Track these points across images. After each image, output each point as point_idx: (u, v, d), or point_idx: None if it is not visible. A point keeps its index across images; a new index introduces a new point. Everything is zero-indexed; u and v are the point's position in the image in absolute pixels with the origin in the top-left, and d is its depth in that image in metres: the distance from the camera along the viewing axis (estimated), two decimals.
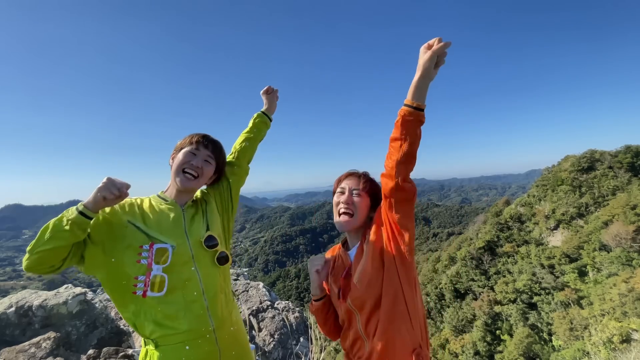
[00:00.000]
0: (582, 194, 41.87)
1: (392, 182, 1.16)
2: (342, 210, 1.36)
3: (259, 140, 1.78)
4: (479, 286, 38.57)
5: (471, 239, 49.87)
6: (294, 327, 3.59)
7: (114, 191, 1.13)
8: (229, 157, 1.64)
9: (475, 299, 36.99)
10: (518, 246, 41.26)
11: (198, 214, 1.41)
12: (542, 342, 27.67)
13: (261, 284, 4.32)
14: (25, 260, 1.08)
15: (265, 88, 1.86)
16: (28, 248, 1.09)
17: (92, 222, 1.16)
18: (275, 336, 3.37)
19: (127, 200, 1.33)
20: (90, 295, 2.44)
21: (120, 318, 2.83)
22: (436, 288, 41.85)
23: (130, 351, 2.04)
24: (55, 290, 2.40)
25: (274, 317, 3.62)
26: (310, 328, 2.83)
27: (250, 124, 1.78)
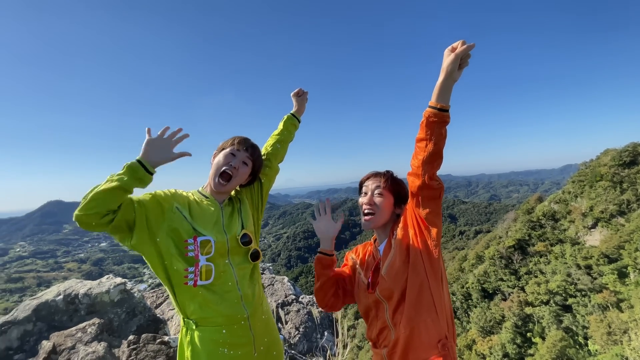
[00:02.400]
0: (623, 190, 39.12)
1: (418, 181, 1.22)
2: (365, 211, 1.43)
3: (289, 141, 1.85)
4: (508, 286, 37.12)
5: (500, 237, 47.97)
6: (319, 321, 3.64)
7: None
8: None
9: (505, 300, 35.64)
10: (551, 245, 39.24)
11: (234, 212, 1.50)
12: (577, 346, 26.27)
13: (286, 278, 4.41)
14: (77, 209, 1.12)
15: (295, 90, 1.91)
16: (83, 196, 1.13)
17: (147, 202, 1.28)
18: (301, 329, 3.44)
19: (175, 190, 1.45)
20: (129, 285, 2.60)
21: (157, 307, 3.01)
22: (462, 287, 40.70)
23: (166, 338, 2.17)
24: (98, 280, 2.59)
25: (298, 310, 3.70)
26: (337, 321, 2.87)
27: (280, 126, 1.84)
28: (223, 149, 1.50)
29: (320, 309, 3.90)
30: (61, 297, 2.38)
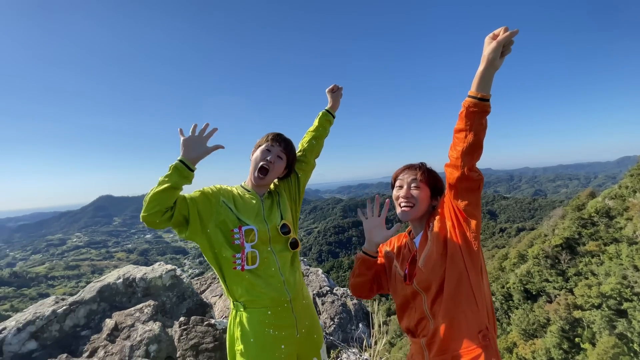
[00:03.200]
0: None
1: (457, 172, 1.21)
2: (402, 204, 1.42)
3: (324, 137, 1.91)
4: (554, 288, 34.66)
5: (546, 236, 44.77)
6: (353, 313, 3.70)
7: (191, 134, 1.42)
8: (297, 154, 1.78)
9: (550, 302, 33.34)
10: (605, 245, 35.95)
11: (274, 204, 1.61)
12: (632, 354, 24.02)
13: (320, 270, 4.51)
14: (142, 211, 1.30)
15: (330, 86, 1.95)
16: (144, 199, 1.32)
17: (197, 198, 1.42)
18: (335, 319, 3.52)
19: (220, 185, 1.58)
20: (178, 271, 2.82)
21: (202, 292, 3.26)
22: (503, 287, 38.67)
23: (212, 321, 2.34)
24: (152, 266, 2.84)
25: (333, 302, 3.78)
26: (374, 313, 2.90)
27: (315, 123, 1.90)
28: (259, 146, 1.61)
29: (354, 301, 3.96)
30: (121, 280, 2.65)
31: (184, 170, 1.35)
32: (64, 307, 2.41)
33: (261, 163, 1.54)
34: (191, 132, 1.42)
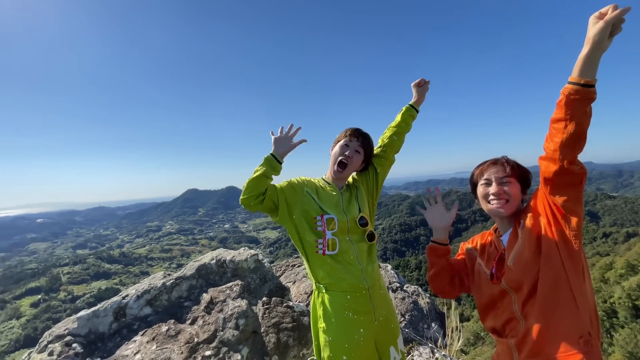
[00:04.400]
0: None
1: (554, 166, 1.11)
2: (493, 201, 1.34)
3: (405, 132, 1.89)
4: None
5: None
6: (425, 311, 3.60)
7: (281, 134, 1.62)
8: (376, 150, 1.83)
9: None
10: None
11: (352, 197, 1.69)
12: None
13: (389, 266, 4.47)
14: (241, 195, 1.52)
15: (417, 80, 1.92)
16: (243, 185, 1.55)
17: (285, 187, 1.59)
18: (406, 316, 3.48)
19: (306, 177, 1.73)
20: (260, 256, 3.12)
21: (280, 275, 3.55)
22: (605, 302, 32.92)
23: (291, 303, 2.54)
24: (239, 250, 3.20)
25: (404, 298, 3.73)
26: (450, 311, 2.80)
27: (397, 118, 1.89)
28: (338, 141, 1.71)
29: (427, 300, 3.84)
30: (214, 261, 3.03)
31: (273, 162, 1.55)
32: (171, 281, 2.86)
33: (340, 158, 1.64)
34: (279, 132, 1.63)
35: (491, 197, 1.35)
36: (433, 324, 3.47)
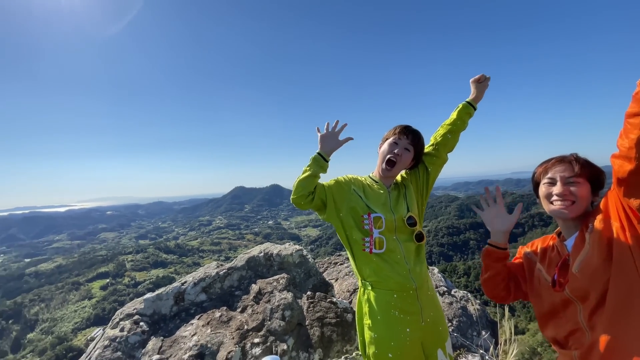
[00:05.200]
0: None
1: (630, 165, 1.00)
2: (557, 202, 1.23)
3: (461, 130, 1.79)
4: None
5: None
6: (475, 318, 3.42)
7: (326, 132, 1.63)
8: (428, 148, 1.77)
9: None
10: None
11: (400, 196, 1.67)
12: None
13: (436, 269, 4.31)
14: (292, 195, 1.57)
15: (477, 76, 1.79)
16: (293, 184, 1.60)
17: (332, 186, 1.61)
18: (454, 322, 3.34)
19: (353, 175, 1.73)
20: (305, 252, 3.21)
21: (322, 272, 3.63)
22: None
23: (334, 299, 2.58)
24: (284, 245, 3.32)
25: (451, 303, 3.58)
26: (501, 327, 2.64)
27: (453, 116, 1.79)
28: (387, 139, 1.68)
29: (477, 306, 3.65)
30: (262, 254, 3.19)
31: (320, 160, 1.59)
32: (224, 271, 3.07)
33: (389, 156, 1.61)
34: (325, 130, 1.65)
35: (554, 197, 1.24)
36: (483, 332, 3.29)
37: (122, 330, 2.59)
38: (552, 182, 1.26)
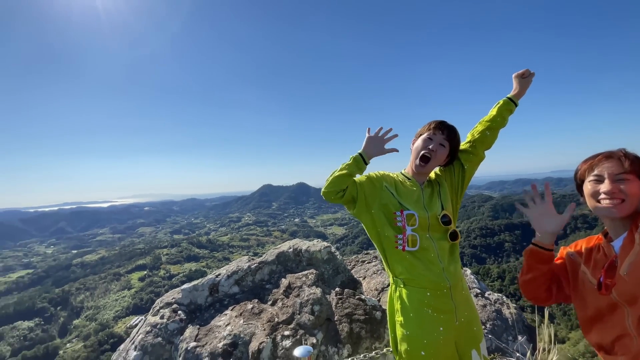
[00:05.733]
0: None
1: None
2: (605, 201, 1.16)
3: (500, 127, 1.71)
4: None
5: None
6: (510, 322, 3.28)
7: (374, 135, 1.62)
8: (465, 145, 1.71)
9: None
10: None
11: (434, 193, 1.62)
12: None
13: (469, 271, 4.17)
14: (323, 188, 1.58)
15: (521, 71, 1.71)
16: (325, 179, 1.60)
17: (364, 182, 1.60)
18: (487, 325, 3.21)
19: (384, 172, 1.71)
20: (333, 248, 3.23)
21: (352, 268, 3.65)
22: None
23: (363, 296, 2.58)
24: (313, 242, 3.37)
25: (485, 306, 3.45)
26: (539, 333, 2.51)
27: (492, 112, 1.71)
28: (421, 135, 1.63)
29: (512, 310, 3.49)
30: (291, 250, 3.25)
31: (360, 162, 1.58)
32: (255, 265, 3.17)
33: (423, 152, 1.57)
34: (375, 133, 1.63)
35: (602, 195, 1.16)
36: (520, 337, 3.14)
37: (162, 317, 2.75)
38: (599, 180, 1.18)
